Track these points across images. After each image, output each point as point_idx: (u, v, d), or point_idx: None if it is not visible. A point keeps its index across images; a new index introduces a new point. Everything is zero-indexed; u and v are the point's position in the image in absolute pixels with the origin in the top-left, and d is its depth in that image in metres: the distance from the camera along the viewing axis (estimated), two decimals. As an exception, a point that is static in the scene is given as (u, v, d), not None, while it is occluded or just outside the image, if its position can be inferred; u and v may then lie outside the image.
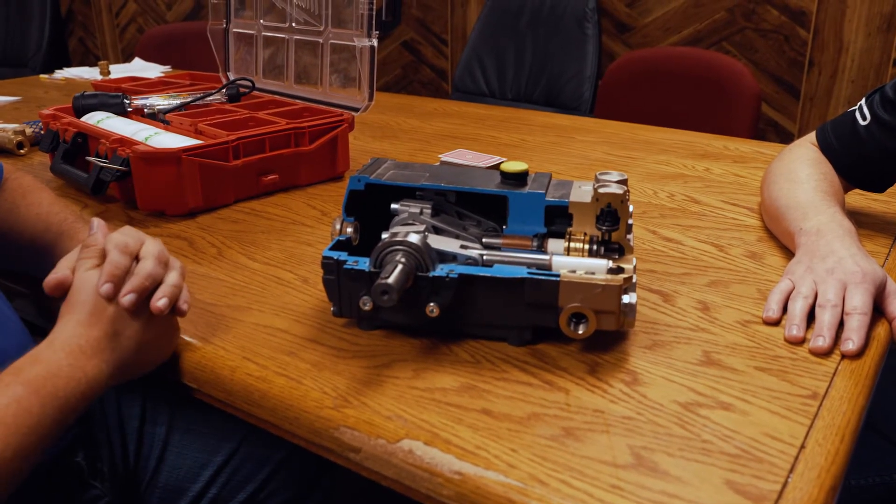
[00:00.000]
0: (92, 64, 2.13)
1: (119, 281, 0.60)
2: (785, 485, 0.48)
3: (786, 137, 2.23)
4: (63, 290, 0.61)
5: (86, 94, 1.16)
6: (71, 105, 1.14)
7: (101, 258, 0.62)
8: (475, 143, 1.36)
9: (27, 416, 0.52)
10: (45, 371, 0.55)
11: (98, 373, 0.57)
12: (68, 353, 0.57)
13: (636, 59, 2.00)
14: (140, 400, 0.81)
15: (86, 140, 1.05)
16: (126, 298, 0.59)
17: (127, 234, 0.64)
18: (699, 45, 2.28)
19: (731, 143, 1.35)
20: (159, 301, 0.61)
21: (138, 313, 0.61)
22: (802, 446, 0.52)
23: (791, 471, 0.50)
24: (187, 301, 0.64)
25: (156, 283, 0.62)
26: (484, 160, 1.12)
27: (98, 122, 1.08)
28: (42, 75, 2.09)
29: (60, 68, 2.14)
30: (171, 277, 0.63)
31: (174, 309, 0.63)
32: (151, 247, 0.64)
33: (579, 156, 1.28)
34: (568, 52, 2.18)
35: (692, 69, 1.89)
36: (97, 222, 0.66)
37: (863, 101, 0.89)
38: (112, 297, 0.60)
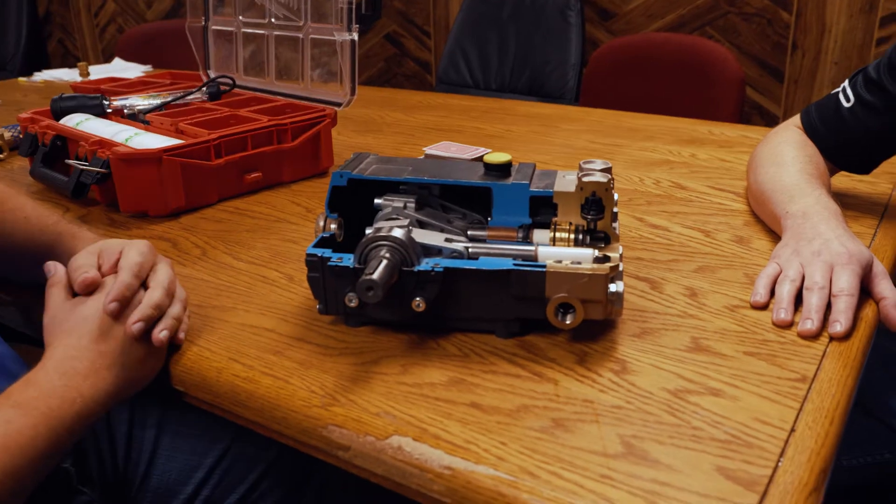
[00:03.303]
0: (72, 65, 2.11)
1: (126, 302, 0.62)
2: (776, 469, 0.48)
3: (771, 121, 2.24)
4: (95, 287, 0.63)
5: (64, 96, 1.14)
6: (49, 108, 1.13)
7: (86, 287, 0.63)
8: (460, 135, 1.35)
9: (18, 437, 0.52)
10: (38, 392, 0.55)
11: (95, 392, 0.57)
12: (62, 374, 0.57)
13: (620, 46, 2.00)
14: (128, 404, 0.81)
15: (65, 143, 1.03)
16: (134, 326, 0.61)
17: (142, 255, 0.66)
18: (682, 31, 2.28)
19: (716, 128, 1.35)
20: (161, 333, 0.62)
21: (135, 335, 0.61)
22: (792, 430, 0.52)
23: (781, 455, 0.50)
24: (185, 331, 0.66)
25: (161, 313, 0.63)
26: (469, 152, 1.12)
27: (77, 124, 1.06)
28: (20, 78, 2.07)
29: (39, 70, 2.12)
30: (175, 310, 0.65)
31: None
32: (163, 275, 0.66)
33: (564, 145, 1.27)
34: (551, 41, 2.18)
35: (676, 55, 1.89)
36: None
37: (846, 83, 0.89)
38: (116, 317, 0.61)
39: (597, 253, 0.62)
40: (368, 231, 0.63)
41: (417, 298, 0.61)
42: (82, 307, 0.61)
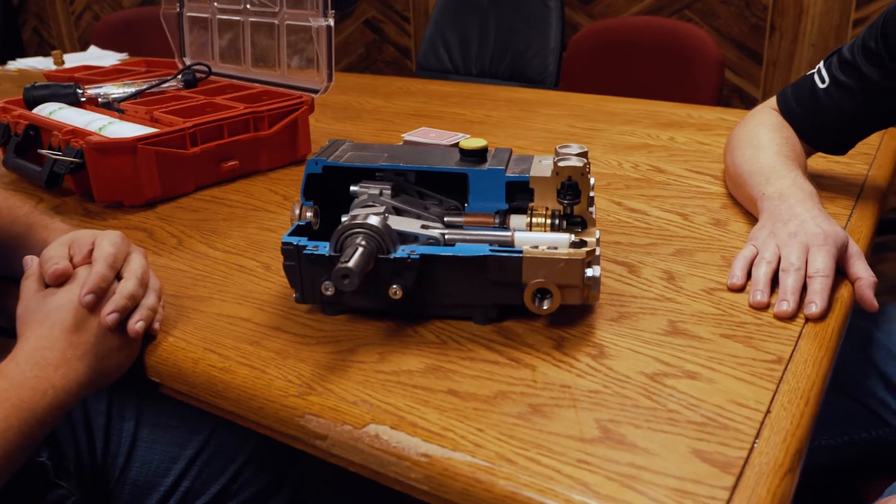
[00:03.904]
0: (47, 54, 2.08)
1: (102, 293, 0.61)
2: (751, 450, 0.49)
3: (750, 103, 2.24)
4: (65, 278, 0.62)
5: (37, 84, 1.12)
6: (22, 97, 1.11)
7: (57, 278, 0.62)
8: (439, 121, 1.34)
9: None
10: (8, 384, 0.54)
11: (66, 382, 0.57)
12: (33, 365, 0.56)
13: (599, 29, 1.99)
14: (106, 395, 0.80)
15: (38, 132, 1.02)
16: (109, 317, 0.60)
17: (115, 245, 0.65)
18: (661, 14, 2.28)
19: (694, 111, 1.35)
20: (137, 324, 0.62)
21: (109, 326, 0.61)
22: (768, 411, 0.52)
23: (757, 436, 0.50)
24: (160, 321, 0.66)
25: (136, 304, 0.63)
26: (447, 138, 1.11)
27: (50, 113, 1.05)
28: (-6, 67, 2.04)
29: (13, 59, 2.09)
30: (150, 300, 0.64)
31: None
32: (136, 265, 0.65)
33: (543, 129, 1.27)
34: (531, 26, 2.17)
35: (655, 38, 1.89)
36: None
37: (821, 64, 0.89)
38: (92, 309, 0.60)
39: (573, 238, 0.62)
40: (344, 219, 0.63)
41: (394, 286, 0.61)
42: (53, 298, 0.61)
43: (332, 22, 1.06)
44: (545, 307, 0.61)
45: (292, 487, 0.81)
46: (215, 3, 1.26)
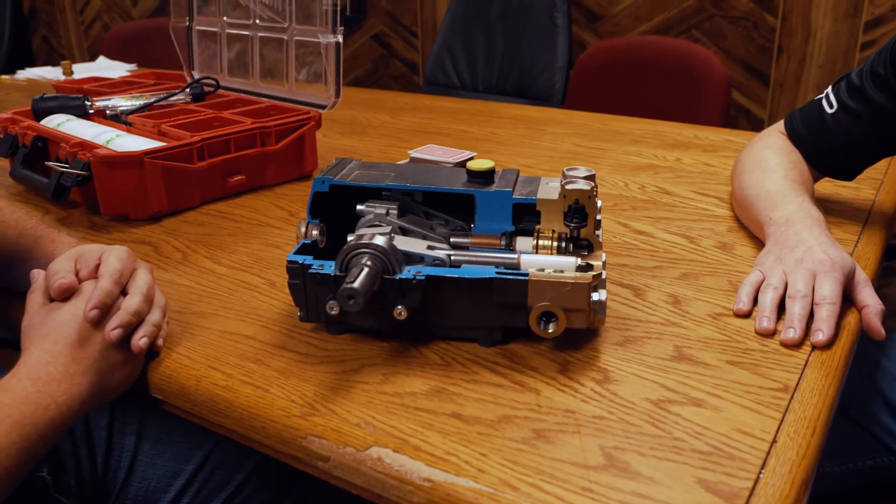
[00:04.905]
0: (57, 63, 2.09)
1: (106, 309, 0.61)
2: (757, 481, 0.48)
3: (756, 124, 2.24)
4: (71, 293, 0.62)
5: (45, 96, 1.13)
6: (30, 108, 1.12)
7: (62, 292, 0.62)
8: (446, 138, 1.34)
9: None
10: (10, 399, 0.54)
11: (69, 398, 0.56)
12: (35, 380, 0.56)
13: (606, 48, 2.00)
14: (108, 410, 0.80)
15: (46, 144, 1.02)
16: (113, 333, 0.60)
17: (122, 260, 0.65)
18: (669, 34, 2.29)
19: (701, 132, 1.35)
20: (140, 340, 0.62)
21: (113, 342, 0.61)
22: (774, 441, 0.52)
23: (763, 467, 0.49)
24: (164, 338, 0.66)
25: (140, 320, 0.63)
26: (454, 155, 1.11)
27: (58, 125, 1.05)
28: (3, 76, 2.05)
29: (23, 68, 2.10)
30: (154, 316, 0.64)
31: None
32: (142, 281, 0.65)
33: (549, 148, 1.27)
34: (539, 43, 2.18)
35: (662, 58, 1.89)
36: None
37: (829, 89, 0.89)
38: (97, 324, 0.60)
39: (579, 261, 0.62)
40: (350, 238, 0.63)
41: (399, 306, 0.60)
42: (58, 312, 0.61)
43: (340, 39, 1.06)
44: (550, 330, 0.60)
45: (293, 505, 0.81)
46: (224, 18, 1.26)
